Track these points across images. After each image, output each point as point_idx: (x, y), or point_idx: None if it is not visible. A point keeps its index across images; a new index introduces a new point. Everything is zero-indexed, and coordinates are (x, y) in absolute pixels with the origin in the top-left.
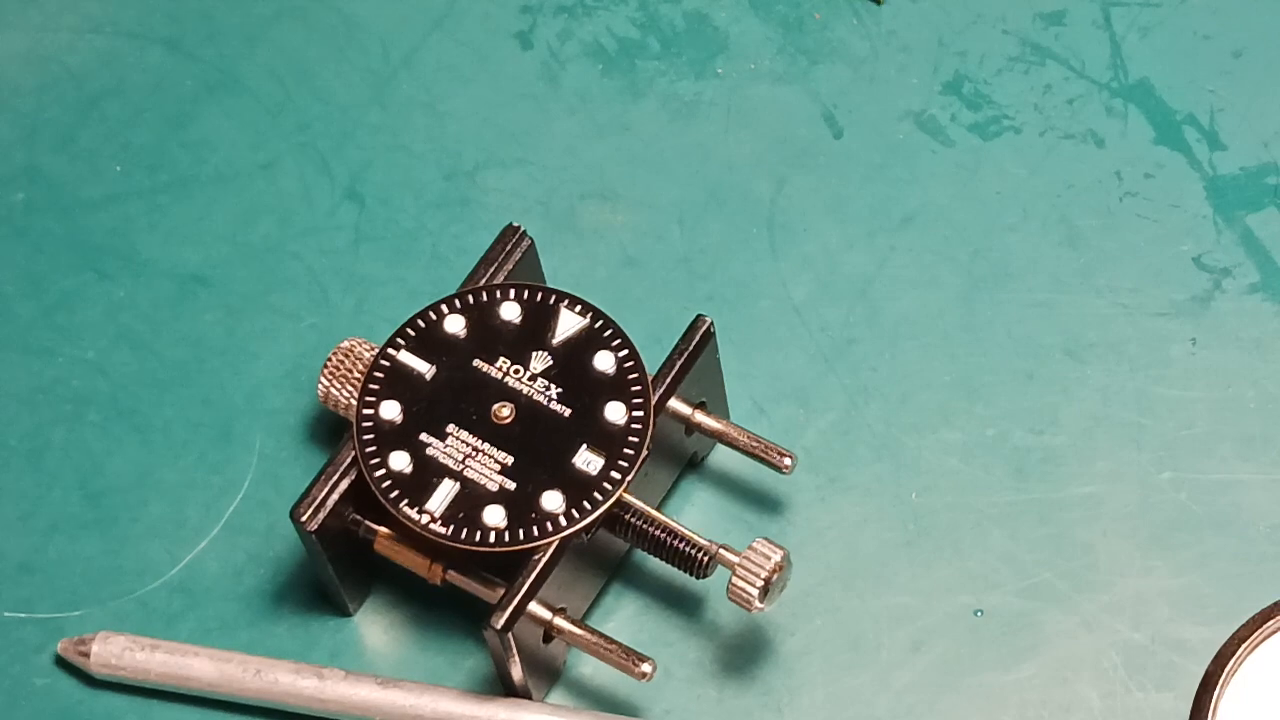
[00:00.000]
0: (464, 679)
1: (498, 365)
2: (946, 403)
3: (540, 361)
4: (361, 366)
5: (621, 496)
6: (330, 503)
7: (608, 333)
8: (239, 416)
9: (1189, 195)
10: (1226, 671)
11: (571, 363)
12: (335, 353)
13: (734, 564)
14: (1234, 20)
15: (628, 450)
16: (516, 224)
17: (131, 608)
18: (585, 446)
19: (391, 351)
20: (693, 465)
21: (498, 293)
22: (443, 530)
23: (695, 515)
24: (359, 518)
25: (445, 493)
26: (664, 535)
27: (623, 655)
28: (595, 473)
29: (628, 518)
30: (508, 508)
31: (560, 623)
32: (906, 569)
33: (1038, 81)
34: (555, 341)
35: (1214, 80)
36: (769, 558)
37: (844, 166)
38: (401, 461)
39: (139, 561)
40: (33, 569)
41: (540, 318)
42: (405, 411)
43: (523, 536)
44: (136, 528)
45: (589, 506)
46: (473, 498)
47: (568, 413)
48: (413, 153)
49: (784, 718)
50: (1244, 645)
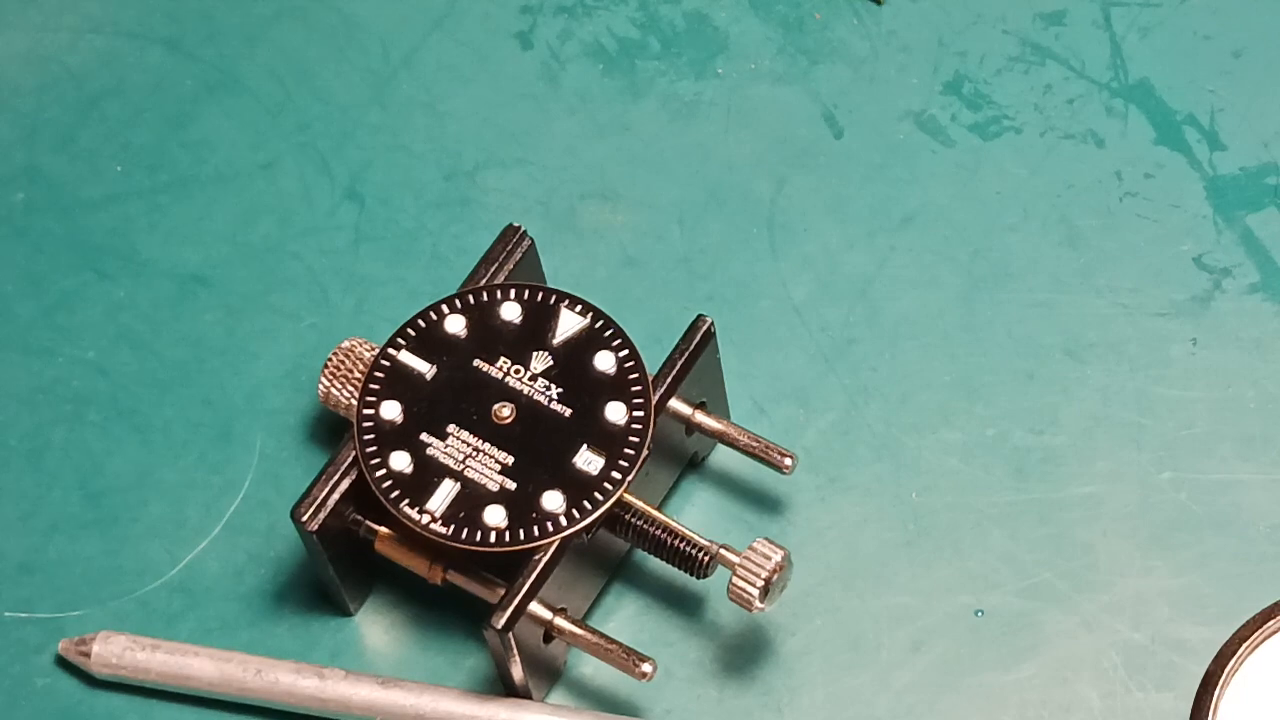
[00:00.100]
0: (464, 679)
1: (498, 365)
2: (946, 403)
3: (541, 361)
4: (362, 366)
5: (622, 496)
6: (331, 503)
7: (608, 333)
8: (239, 416)
9: (1189, 195)
10: (1227, 671)
11: (572, 363)
12: (336, 353)
13: (734, 564)
14: (1234, 20)
15: (628, 450)
16: (517, 224)
17: (131, 608)
18: (586, 446)
19: (392, 351)
20: (693, 465)
21: (498, 293)
22: (443, 530)
23: (696, 515)
24: (359, 518)
25: (446, 493)
26: (664, 535)
27: (623, 655)
28: (596, 473)
29: (628, 518)
30: (508, 508)
31: (561, 623)
32: (906, 569)
33: (1038, 81)
34: (556, 341)
35: (1214, 80)
36: (769, 558)
37: (844, 166)
38: (402, 461)
39: (139, 561)
40: (33, 569)
41: (541, 318)
42: (406, 411)
43: (523, 536)
44: (136, 528)
45: (589, 506)
46: (473, 498)
47: (568, 413)
48: (413, 153)
49: (784, 718)
50: (1244, 645)
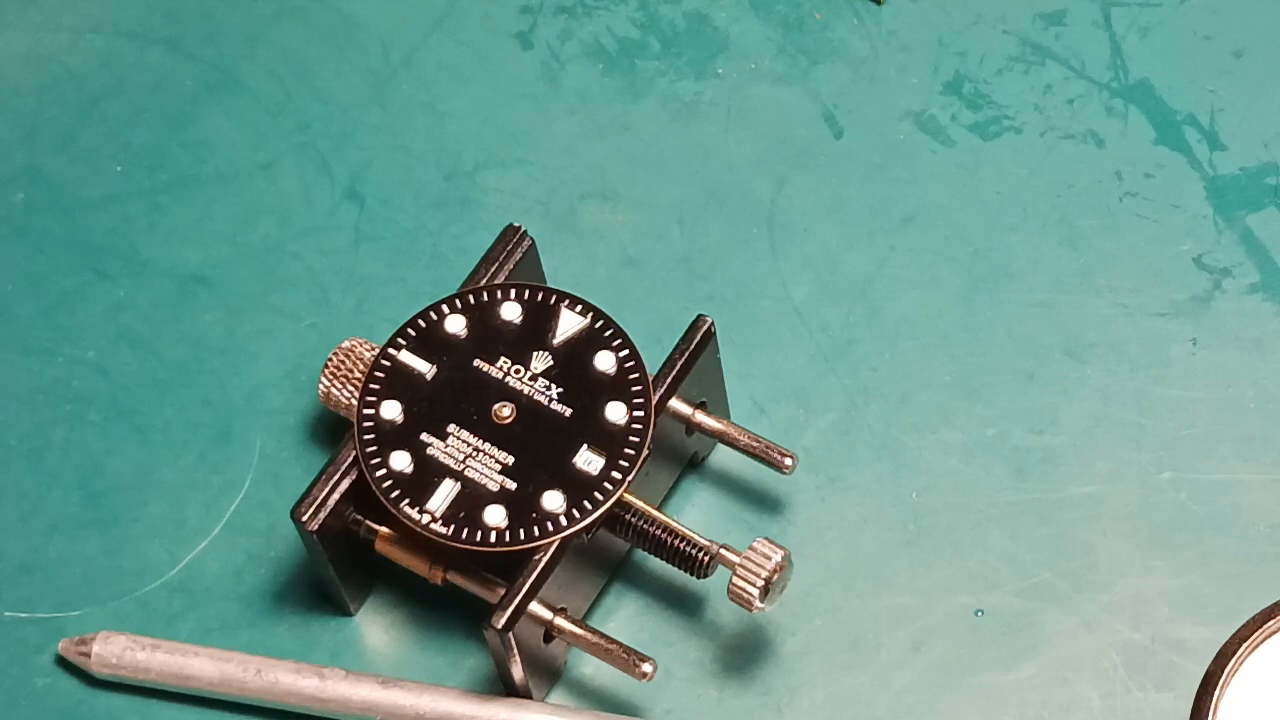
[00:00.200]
0: (465, 679)
1: (498, 365)
2: (946, 403)
3: (541, 361)
4: (362, 366)
5: (622, 496)
6: (331, 502)
7: (608, 333)
8: (239, 416)
9: (1189, 195)
10: (1227, 671)
11: (572, 363)
12: (336, 353)
13: (734, 564)
14: (1234, 20)
15: (628, 450)
16: (517, 224)
17: (131, 608)
18: (586, 446)
19: (392, 351)
20: (693, 465)
21: (498, 293)
22: (443, 530)
23: (696, 515)
24: (360, 518)
25: (446, 492)
26: (665, 535)
27: (623, 655)
28: (596, 473)
29: (628, 518)
30: (508, 508)
31: (561, 623)
32: (906, 569)
33: (1038, 81)
34: (556, 341)
35: (1214, 80)
36: (769, 558)
37: (844, 166)
38: (402, 461)
39: (139, 561)
40: (33, 569)
41: (541, 318)
42: (406, 411)
43: (523, 536)
44: (136, 528)
45: (590, 506)
46: (473, 497)
47: (568, 413)
48: (413, 153)
49: (784, 718)
50: (1244, 645)
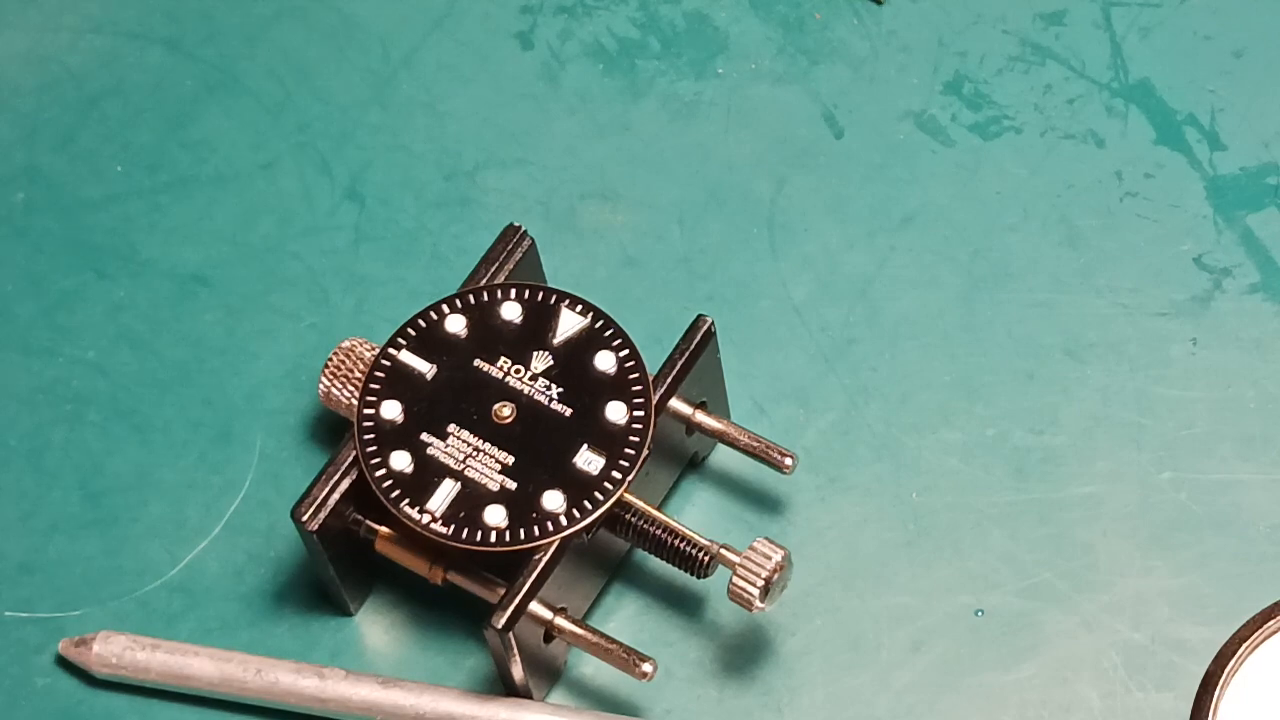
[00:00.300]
0: (465, 679)
1: (498, 365)
2: (946, 403)
3: (541, 361)
4: (362, 366)
5: (622, 496)
6: (331, 502)
7: (608, 332)
8: (239, 416)
9: (1189, 195)
10: (1227, 671)
11: (572, 362)
12: (336, 352)
13: (735, 564)
14: (1234, 20)
15: (628, 450)
16: (517, 224)
17: (131, 608)
18: (586, 446)
19: (392, 351)
20: (693, 465)
21: (498, 292)
22: (443, 530)
23: (696, 515)
24: (360, 517)
25: (446, 492)
26: (665, 535)
27: (623, 655)
28: (596, 472)
29: (628, 517)
30: (508, 507)
31: (561, 622)
32: (906, 569)
33: (1038, 81)
34: (556, 341)
35: (1214, 80)
36: (770, 558)
37: (844, 166)
38: (402, 461)
39: (139, 561)
40: (33, 569)
41: (541, 317)
42: (406, 411)
43: (523, 536)
44: (136, 528)
45: (590, 506)
46: (473, 497)
47: (568, 412)
48: (413, 153)
49: (784, 718)
50: (1244, 645)
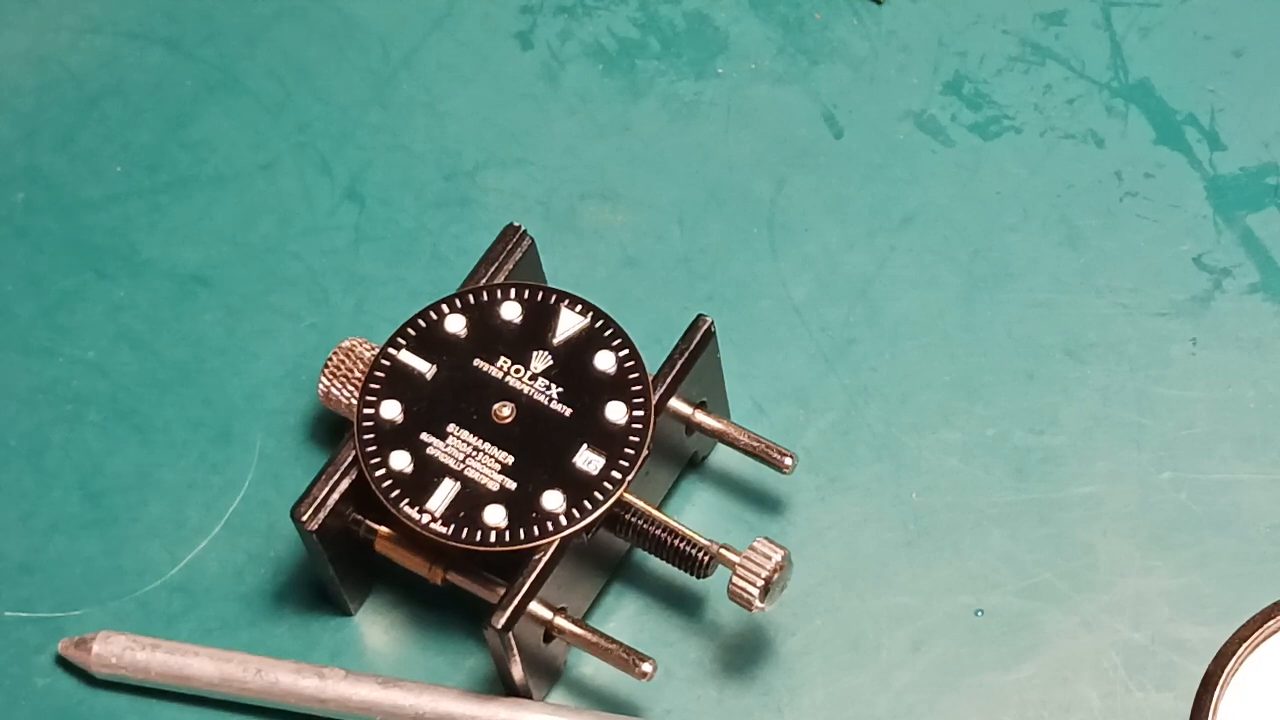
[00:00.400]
0: (464, 679)
1: (498, 365)
2: (946, 403)
3: (541, 361)
4: (362, 366)
5: (622, 496)
6: (331, 502)
7: (608, 332)
8: (239, 416)
9: (1189, 195)
10: (1227, 671)
11: (572, 362)
12: (336, 352)
13: (734, 564)
14: (1234, 20)
15: (628, 450)
16: (517, 224)
17: (131, 608)
18: (586, 446)
19: (392, 351)
20: (693, 465)
21: (498, 292)
22: (443, 530)
23: (696, 515)
24: (359, 517)
25: (446, 492)
26: (664, 535)
27: (623, 655)
28: (596, 472)
29: (628, 517)
30: (508, 507)
31: (561, 622)
32: (906, 569)
33: (1038, 81)
34: (556, 341)
35: (1214, 80)
36: (769, 557)
37: (844, 166)
38: (402, 461)
39: (139, 561)
40: (33, 569)
41: (541, 317)
42: (406, 411)
43: (523, 536)
44: (136, 528)
45: (589, 506)
46: (473, 497)
47: (568, 412)
48: (413, 153)
49: (784, 718)
50: (1244, 645)
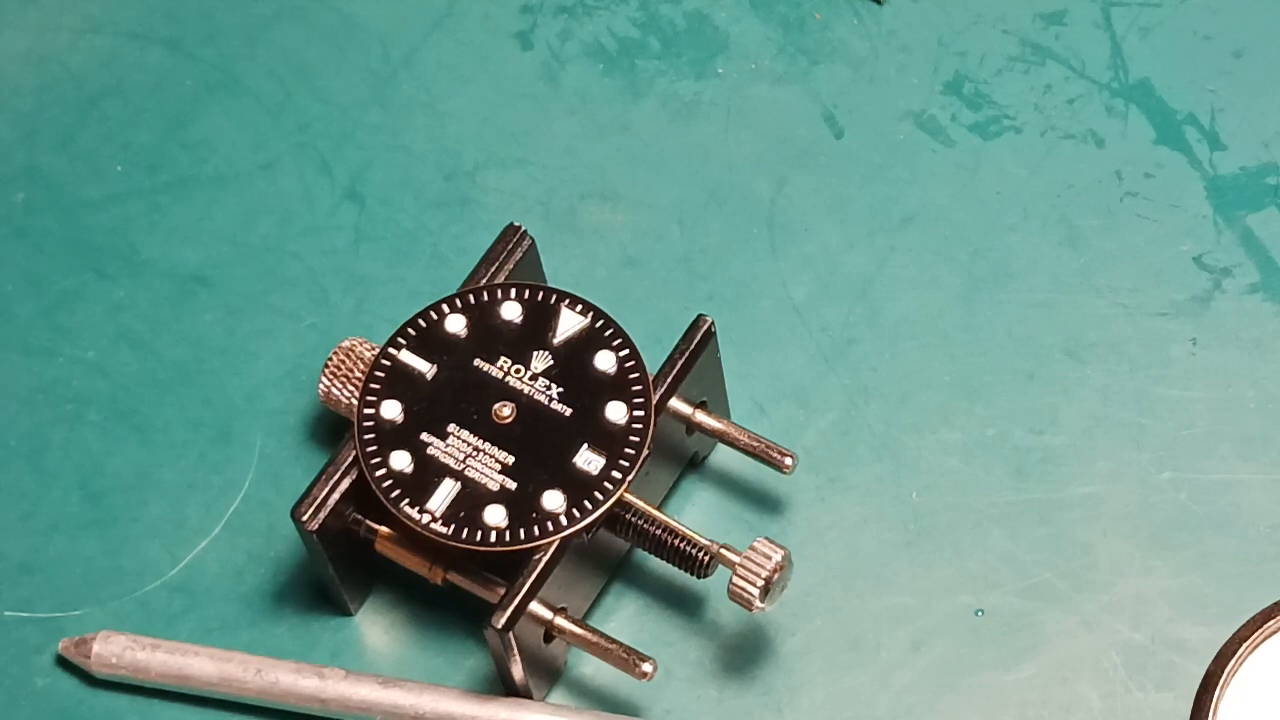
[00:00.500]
0: (465, 679)
1: (499, 365)
2: (946, 403)
3: (541, 361)
4: (362, 366)
5: (622, 496)
6: (331, 502)
7: (608, 332)
8: (239, 416)
9: (1189, 195)
10: (1227, 671)
11: (572, 362)
12: (336, 352)
13: (735, 564)
14: (1234, 20)
15: (628, 450)
16: (517, 224)
17: (131, 608)
18: (586, 446)
19: (392, 351)
20: (693, 465)
21: (498, 292)
22: (443, 530)
23: (696, 515)
24: (360, 517)
25: (446, 492)
26: (665, 535)
27: (623, 655)
28: (596, 472)
29: (628, 517)
30: (508, 507)
31: (561, 622)
32: (906, 569)
33: (1038, 81)
34: (556, 341)
35: (1214, 80)
36: (770, 557)
37: (844, 166)
38: (402, 461)
39: (139, 561)
40: (33, 569)
41: (541, 317)
42: (406, 411)
43: (523, 536)
44: (136, 528)
45: (590, 506)
46: (473, 497)
47: (569, 412)
48: (413, 153)
49: (784, 718)
50: (1244, 645)
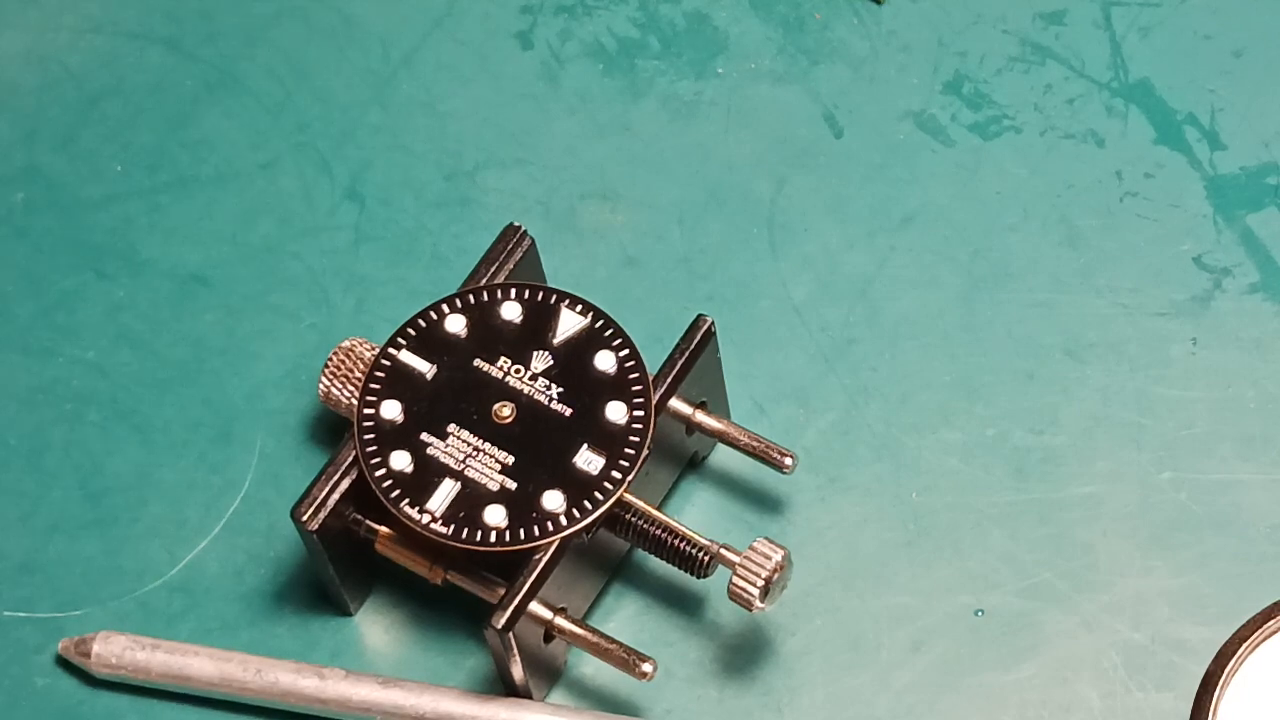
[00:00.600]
0: (465, 679)
1: (499, 365)
2: (946, 403)
3: (541, 361)
4: (362, 366)
5: (622, 496)
6: (331, 502)
7: (608, 332)
8: (239, 416)
9: (1189, 195)
10: (1227, 671)
11: (572, 362)
12: (336, 352)
13: (735, 564)
14: (1234, 20)
15: (628, 450)
16: (517, 224)
17: (131, 608)
18: (586, 446)
19: (392, 351)
20: (693, 465)
21: (498, 292)
22: (443, 530)
23: (696, 515)
24: (360, 517)
25: (446, 492)
26: (665, 535)
27: (623, 655)
28: (596, 472)
29: (628, 517)
30: (508, 507)
31: (561, 622)
32: (906, 569)
33: (1038, 81)
34: (556, 341)
35: (1214, 80)
36: (770, 557)
37: (844, 166)
38: (402, 461)
39: (139, 561)
40: (33, 569)
41: (541, 317)
42: (406, 411)
43: (523, 536)
44: (136, 528)
45: (590, 506)
46: (473, 497)
47: (568, 412)
48: (413, 153)
49: (784, 718)
50: (1244, 645)
